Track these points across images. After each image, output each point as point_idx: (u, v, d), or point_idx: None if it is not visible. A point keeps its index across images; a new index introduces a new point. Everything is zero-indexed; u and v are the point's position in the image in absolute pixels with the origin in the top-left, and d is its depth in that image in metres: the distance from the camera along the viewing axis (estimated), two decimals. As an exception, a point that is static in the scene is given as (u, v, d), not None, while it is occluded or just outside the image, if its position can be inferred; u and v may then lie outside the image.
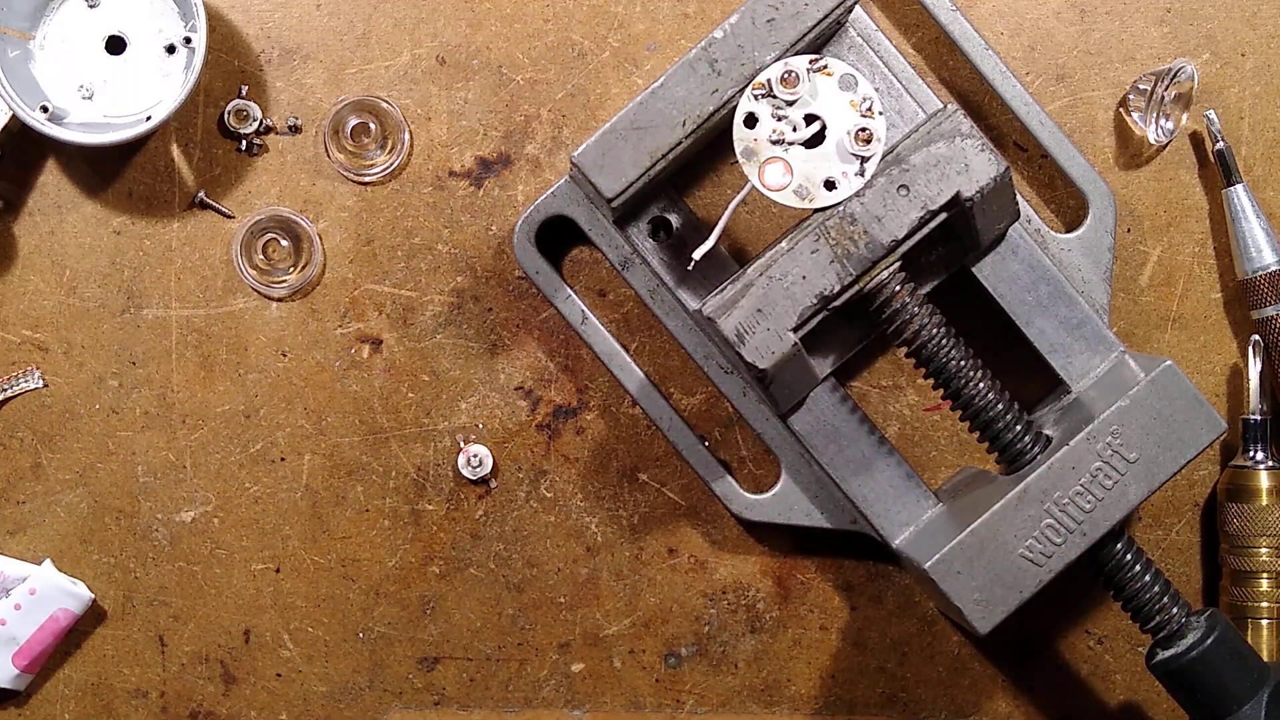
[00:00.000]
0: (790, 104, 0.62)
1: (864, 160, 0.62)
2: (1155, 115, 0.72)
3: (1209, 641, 0.64)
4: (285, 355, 0.74)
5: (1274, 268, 0.71)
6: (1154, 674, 0.66)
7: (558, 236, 0.73)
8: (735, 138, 0.63)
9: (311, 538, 0.75)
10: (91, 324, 0.74)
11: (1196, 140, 0.74)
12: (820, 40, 0.67)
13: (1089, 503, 0.64)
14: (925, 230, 0.63)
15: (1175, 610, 0.66)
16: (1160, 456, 0.64)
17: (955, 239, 0.68)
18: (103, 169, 0.74)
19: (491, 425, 0.74)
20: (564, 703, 0.75)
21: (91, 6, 0.72)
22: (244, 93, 0.74)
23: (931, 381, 0.66)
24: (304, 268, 0.74)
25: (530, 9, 0.74)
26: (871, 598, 0.75)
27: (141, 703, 0.75)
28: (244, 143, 0.74)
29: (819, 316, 0.63)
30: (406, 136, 0.74)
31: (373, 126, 0.73)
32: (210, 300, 0.74)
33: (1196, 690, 0.65)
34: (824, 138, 0.62)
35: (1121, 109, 0.74)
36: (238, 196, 0.74)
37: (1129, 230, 0.74)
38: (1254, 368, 0.72)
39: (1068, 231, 0.71)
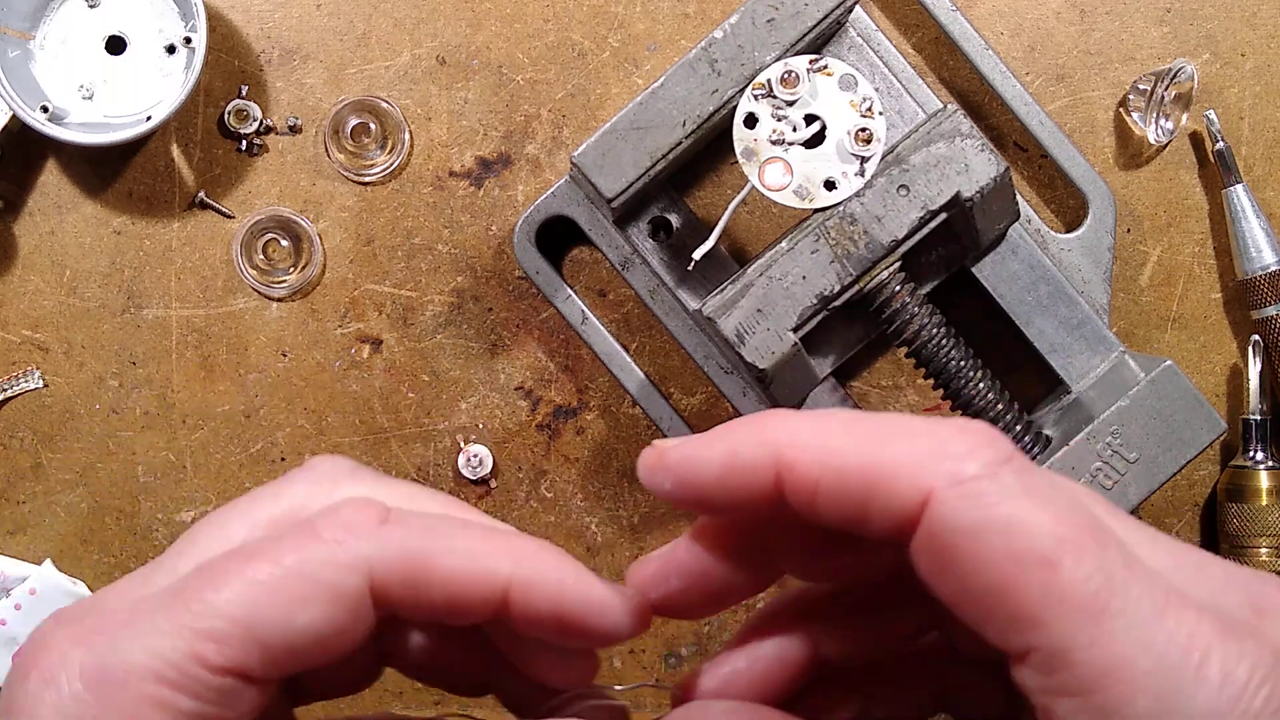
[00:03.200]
0: (790, 104, 0.62)
1: (864, 160, 0.62)
2: (1155, 115, 0.72)
3: (1209, 641, 0.64)
4: (285, 355, 0.74)
5: (1274, 268, 0.71)
6: (1154, 674, 0.66)
7: (558, 236, 0.73)
8: (735, 138, 0.63)
9: (311, 538, 0.74)
10: (91, 324, 0.74)
11: (1196, 140, 0.74)
12: (820, 40, 0.67)
13: (1089, 503, 0.64)
14: (925, 230, 0.63)
15: (1175, 610, 0.66)
16: (1160, 456, 0.64)
17: (955, 239, 0.68)
18: (103, 169, 0.74)
19: (491, 425, 0.74)
20: (564, 703, 0.75)
21: (91, 6, 0.72)
22: (244, 93, 0.74)
23: (931, 381, 0.66)
24: (304, 268, 0.74)
25: (530, 9, 0.74)
26: (871, 598, 0.75)
27: (141, 703, 0.75)
28: (244, 143, 0.74)
29: (819, 316, 0.63)
30: (406, 136, 0.74)
31: (373, 126, 0.73)
32: (210, 300, 0.74)
33: (1196, 690, 0.65)
34: (824, 138, 0.62)
35: (1121, 109, 0.74)
36: (238, 196, 0.74)
37: (1129, 230, 0.74)
38: (1254, 368, 0.72)
39: (1068, 231, 0.71)
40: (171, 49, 0.72)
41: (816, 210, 0.63)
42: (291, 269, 0.74)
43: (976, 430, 0.33)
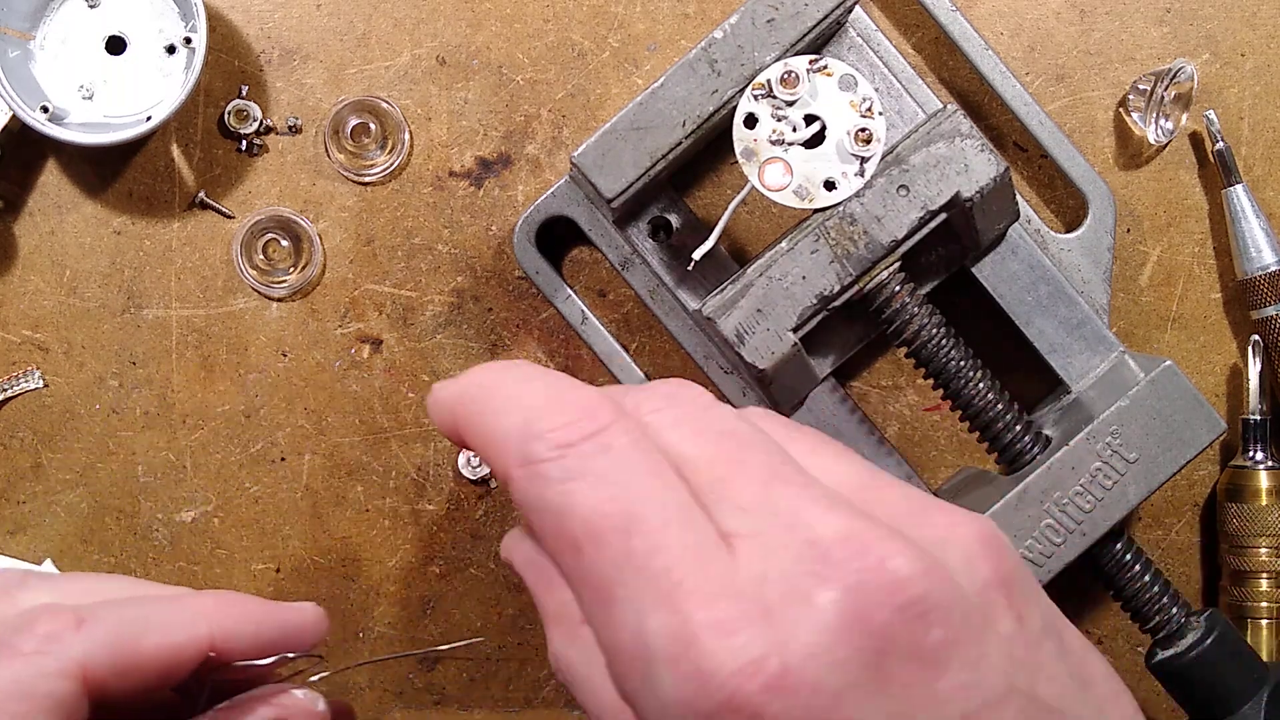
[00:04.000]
0: (790, 104, 0.62)
1: (864, 160, 0.62)
2: (1155, 115, 0.72)
3: (1209, 641, 0.64)
4: (285, 355, 0.74)
5: (1274, 268, 0.71)
6: (1154, 674, 0.66)
7: (558, 236, 0.73)
8: (735, 138, 0.63)
9: (311, 538, 0.75)
10: (91, 324, 0.74)
11: (1196, 140, 0.74)
12: (820, 40, 0.67)
13: (1089, 503, 0.64)
14: (925, 230, 0.63)
15: (1175, 610, 0.66)
16: (1160, 456, 0.64)
17: (955, 239, 0.68)
18: (103, 169, 0.74)
19: (491, 425, 0.74)
20: (564, 703, 0.75)
21: (91, 6, 0.72)
22: (244, 93, 0.74)
23: (931, 381, 0.66)
24: (304, 268, 0.74)
25: (530, 9, 0.74)
26: (871, 598, 0.75)
27: (141, 703, 0.75)
28: (244, 143, 0.74)
29: (819, 316, 0.63)
30: (406, 136, 0.74)
31: (373, 126, 0.73)
32: (210, 300, 0.74)
33: (1196, 690, 0.65)
34: (824, 138, 0.62)
35: (1121, 109, 0.74)
36: (238, 196, 0.74)
37: (1129, 230, 0.74)
38: (1254, 368, 0.72)
39: (1068, 231, 0.71)
40: (171, 49, 0.72)
41: (816, 210, 0.63)
42: (291, 269, 0.74)
43: (573, 403, 0.39)
